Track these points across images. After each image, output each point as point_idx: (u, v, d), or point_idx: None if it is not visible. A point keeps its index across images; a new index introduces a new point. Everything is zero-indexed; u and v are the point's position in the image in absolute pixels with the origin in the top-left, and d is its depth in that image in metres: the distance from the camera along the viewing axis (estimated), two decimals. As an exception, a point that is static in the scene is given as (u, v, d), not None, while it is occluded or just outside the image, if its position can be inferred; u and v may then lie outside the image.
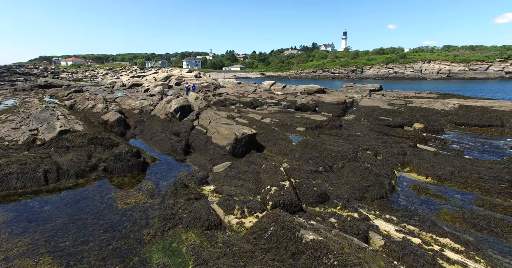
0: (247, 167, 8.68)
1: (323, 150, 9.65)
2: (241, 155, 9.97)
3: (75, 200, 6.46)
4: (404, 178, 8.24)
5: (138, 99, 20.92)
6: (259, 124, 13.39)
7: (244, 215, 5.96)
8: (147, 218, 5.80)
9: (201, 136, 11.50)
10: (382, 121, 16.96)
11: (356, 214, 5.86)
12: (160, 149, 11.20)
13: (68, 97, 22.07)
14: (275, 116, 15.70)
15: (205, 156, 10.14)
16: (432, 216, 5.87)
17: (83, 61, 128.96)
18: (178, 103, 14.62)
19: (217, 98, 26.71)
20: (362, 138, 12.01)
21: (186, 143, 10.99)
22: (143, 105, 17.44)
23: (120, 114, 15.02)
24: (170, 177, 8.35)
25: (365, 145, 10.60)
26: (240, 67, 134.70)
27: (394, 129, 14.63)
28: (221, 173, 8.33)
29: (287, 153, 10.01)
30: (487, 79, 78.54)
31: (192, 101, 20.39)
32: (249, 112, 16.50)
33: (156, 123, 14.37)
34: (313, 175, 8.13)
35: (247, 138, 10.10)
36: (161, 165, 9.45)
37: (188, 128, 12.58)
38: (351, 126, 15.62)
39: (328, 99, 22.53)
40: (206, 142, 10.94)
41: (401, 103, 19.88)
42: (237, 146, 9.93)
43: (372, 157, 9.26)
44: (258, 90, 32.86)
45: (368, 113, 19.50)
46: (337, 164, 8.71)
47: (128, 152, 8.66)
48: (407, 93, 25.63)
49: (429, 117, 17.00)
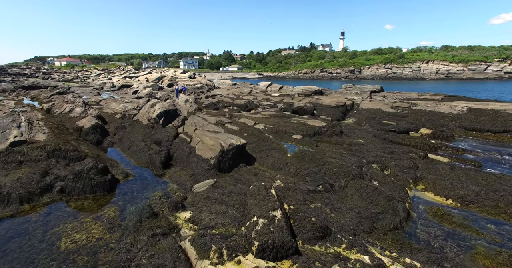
0: (233, 186, 7.34)
1: (323, 164, 8.32)
2: (228, 169, 8.62)
3: (6, 237, 5.05)
4: (419, 200, 6.93)
5: (123, 102, 19.51)
6: (251, 131, 12.05)
7: (223, 259, 4.61)
8: (95, 266, 4.43)
9: (184, 146, 10.13)
10: (385, 126, 15.69)
11: (367, 258, 4.53)
12: (137, 161, 9.81)
13: (49, 100, 20.59)
14: (270, 121, 14.36)
15: (187, 170, 8.77)
16: (465, 259, 4.55)
17: (77, 62, 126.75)
18: (162, 107, 13.23)
19: (210, 100, 25.35)
20: (366, 147, 10.71)
21: (166, 154, 9.61)
22: (127, 109, 16.03)
23: (99, 119, 13.61)
24: (141, 199, 6.99)
25: (370, 157, 9.29)
26: (238, 67, 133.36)
27: (399, 135, 13.36)
28: (201, 195, 6.98)
29: (281, 167, 8.67)
30: (486, 80, 77.89)
31: (182, 104, 19.00)
32: (242, 117, 15.16)
33: (137, 129, 12.97)
34: (311, 197, 6.80)
35: (235, 149, 8.75)
36: (134, 182, 8.08)
37: (171, 136, 11.21)
38: (352, 131, 14.33)
39: (327, 101, 21.25)
40: (189, 153, 9.57)
41: (404, 106, 18.63)
42: (223, 159, 8.57)
43: (380, 173, 7.95)
44: (253, 91, 31.53)
45: (370, 117, 18.24)
46: (339, 182, 7.39)
47: (92, 168, 7.28)
48: (409, 94, 24.41)
49: (435, 121, 15.76)
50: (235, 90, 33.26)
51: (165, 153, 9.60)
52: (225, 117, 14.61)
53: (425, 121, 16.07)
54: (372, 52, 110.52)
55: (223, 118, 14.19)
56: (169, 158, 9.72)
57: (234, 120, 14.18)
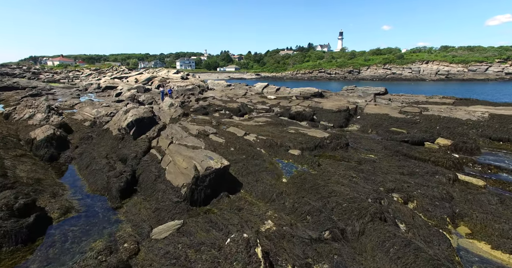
0: (205, 232, 5.28)
1: (328, 195, 6.29)
2: (204, 201, 6.55)
3: None
4: (467, 254, 4.92)
5: (101, 106, 17.38)
6: (239, 144, 10.00)
7: None
8: None
9: (153, 166, 8.05)
10: (395, 135, 13.74)
11: None
12: (92, 186, 7.71)
13: (17, 103, 18.39)
14: (263, 130, 12.32)
15: (151, 202, 6.69)
16: None
17: (71, 61, 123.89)
18: (135, 115, 11.13)
19: (200, 103, 23.28)
20: (379, 166, 8.70)
21: (129, 178, 7.52)
22: (99, 115, 13.92)
23: (61, 128, 11.50)
24: (73, 255, 4.91)
25: (388, 182, 7.28)
26: (235, 67, 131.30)
27: (414, 147, 11.39)
28: (160, 247, 4.92)
29: (273, 199, 6.62)
30: (487, 81, 76.54)
31: (166, 108, 16.91)
32: (231, 124, 13.10)
33: (105, 141, 10.87)
34: (314, 252, 4.77)
35: (214, 175, 6.69)
36: (75, 222, 5.99)
37: (140, 152, 9.12)
38: (358, 141, 12.36)
39: (327, 105, 19.26)
40: (158, 176, 7.49)
41: (415, 111, 16.68)
42: (197, 187, 6.51)
43: (405, 209, 5.94)
44: (249, 93, 29.48)
45: (376, 123, 16.28)
46: (353, 225, 5.36)
47: (4, 207, 5.18)
48: (417, 97, 22.50)
49: (453, 129, 13.80)
50: (229, 92, 31.21)
51: (127, 177, 7.51)
52: (211, 126, 12.53)
53: (441, 129, 14.11)
54: (371, 52, 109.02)
55: (209, 126, 12.11)
56: (132, 182, 7.65)
57: (221, 129, 12.11)
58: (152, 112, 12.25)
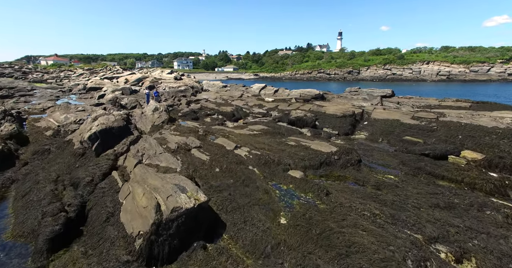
0: None
1: (346, 251, 4.33)
2: (168, 258, 4.55)
3: None
4: None
5: (76, 110, 15.33)
6: (227, 163, 8.01)
7: None
8: None
9: (109, 197, 6.03)
10: (411, 145, 11.83)
11: None
12: (18, 229, 5.66)
13: (-18, 107, 16.28)
14: (258, 141, 10.34)
15: (91, 259, 4.68)
16: None
17: (66, 61, 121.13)
18: (102, 124, 9.10)
19: (191, 106, 21.29)
20: (404, 193, 6.75)
21: (72, 216, 5.51)
22: (66, 122, 11.88)
23: (11, 139, 9.47)
24: None
25: (427, 226, 5.30)
26: (233, 68, 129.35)
27: (438, 163, 9.43)
28: None
29: (267, 254, 4.63)
30: (489, 81, 75.08)
31: (149, 113, 14.90)
32: (221, 133, 11.11)
33: (63, 157, 8.83)
34: None
35: (184, 218, 4.70)
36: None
37: (98, 175, 7.10)
38: (369, 154, 10.47)
39: (331, 109, 17.31)
40: (111, 215, 5.48)
41: (430, 117, 14.73)
42: (159, 238, 4.51)
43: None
44: (245, 95, 27.47)
45: (387, 131, 14.33)
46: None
47: None
48: (427, 100, 20.58)
49: (479, 139, 11.86)
50: (225, 93, 29.18)
51: (69, 216, 5.50)
52: (197, 136, 10.51)
53: (464, 138, 12.18)
54: (370, 52, 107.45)
55: (193, 138, 10.09)
56: (78, 222, 5.64)
57: (208, 141, 10.10)
58: (125, 120, 10.22)
